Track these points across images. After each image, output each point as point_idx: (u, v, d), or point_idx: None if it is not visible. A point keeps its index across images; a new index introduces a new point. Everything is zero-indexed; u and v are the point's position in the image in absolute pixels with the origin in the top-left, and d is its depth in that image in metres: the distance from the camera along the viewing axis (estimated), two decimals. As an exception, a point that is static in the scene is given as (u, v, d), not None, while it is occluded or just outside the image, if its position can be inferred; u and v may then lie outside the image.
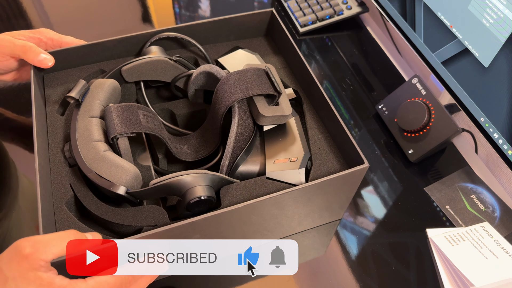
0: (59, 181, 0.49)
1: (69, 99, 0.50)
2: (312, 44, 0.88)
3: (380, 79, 0.82)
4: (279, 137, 0.54)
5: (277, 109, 0.51)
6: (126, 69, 0.56)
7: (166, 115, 0.61)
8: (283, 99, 0.52)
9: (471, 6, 0.58)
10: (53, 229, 0.45)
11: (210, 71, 0.54)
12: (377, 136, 0.72)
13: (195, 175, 0.45)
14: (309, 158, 0.52)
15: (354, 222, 0.61)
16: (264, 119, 0.50)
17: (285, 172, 0.50)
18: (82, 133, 0.48)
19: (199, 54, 0.64)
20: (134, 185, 0.46)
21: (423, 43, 0.68)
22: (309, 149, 0.53)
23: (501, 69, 0.55)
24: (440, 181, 0.66)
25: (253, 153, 0.53)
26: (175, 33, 0.61)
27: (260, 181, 0.50)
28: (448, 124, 0.64)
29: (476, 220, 0.62)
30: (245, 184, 0.49)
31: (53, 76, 0.59)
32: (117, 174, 0.45)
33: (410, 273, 0.56)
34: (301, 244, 0.57)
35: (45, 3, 0.92)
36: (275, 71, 0.54)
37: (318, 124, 0.57)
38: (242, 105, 0.50)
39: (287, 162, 0.50)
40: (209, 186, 0.46)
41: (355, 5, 0.90)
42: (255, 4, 0.98)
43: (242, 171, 0.51)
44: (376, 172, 0.67)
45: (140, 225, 0.45)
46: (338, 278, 0.56)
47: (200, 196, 0.44)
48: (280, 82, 0.53)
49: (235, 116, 0.50)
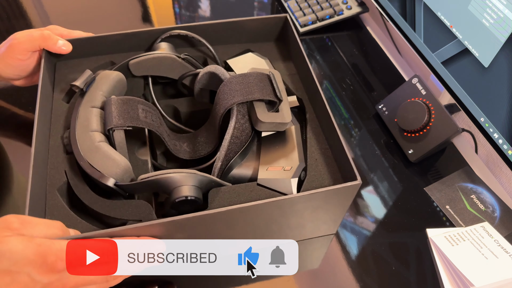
0: (55, 166, 0.49)
1: (74, 87, 0.51)
2: (312, 44, 0.88)
3: (380, 79, 0.82)
4: (276, 145, 0.53)
5: (277, 116, 0.50)
6: (134, 63, 0.57)
7: (171, 111, 0.61)
8: (284, 106, 0.51)
9: (471, 6, 0.58)
10: (43, 213, 0.45)
11: (215, 71, 0.54)
12: (377, 136, 0.72)
13: (184, 174, 0.45)
14: (303, 169, 0.51)
15: (354, 222, 0.61)
16: (262, 125, 0.50)
17: (277, 180, 0.49)
18: (81, 122, 0.48)
19: (209, 54, 0.64)
20: (123, 178, 0.46)
21: (423, 43, 0.68)
22: (305, 159, 0.52)
23: (501, 69, 0.55)
24: (440, 181, 0.66)
25: (249, 158, 0.52)
26: (186, 32, 0.61)
27: (250, 186, 0.49)
28: (448, 124, 0.64)
29: (476, 220, 0.62)
30: (234, 189, 0.48)
31: (64, 64, 0.60)
32: (107, 166, 0.45)
33: (410, 273, 0.56)
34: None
35: (45, 3, 0.92)
36: (279, 77, 0.54)
37: (318, 135, 0.55)
38: (241, 109, 0.50)
39: (281, 171, 0.50)
40: (196, 187, 0.45)
41: (355, 5, 0.90)
42: (255, 4, 0.98)
43: (234, 174, 0.51)
44: (376, 172, 0.67)
45: (125, 218, 0.45)
46: (338, 278, 0.56)
47: (186, 195, 0.44)
48: (284, 88, 0.53)
49: (232, 119, 0.49)
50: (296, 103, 0.59)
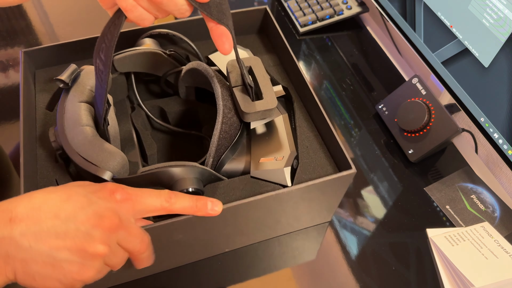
0: (45, 176, 0.49)
1: (59, 82, 0.48)
2: (312, 44, 0.88)
3: (380, 79, 0.82)
4: (265, 136, 0.53)
5: (260, 104, 0.49)
6: (118, 59, 0.55)
7: (157, 112, 0.61)
8: (267, 93, 0.50)
9: (471, 6, 0.58)
10: None
11: (198, 68, 0.53)
12: (377, 136, 0.72)
13: (185, 167, 0.44)
14: (295, 157, 0.51)
15: (354, 222, 0.61)
16: (248, 116, 0.48)
17: (270, 171, 0.49)
18: (70, 117, 0.46)
19: (191, 51, 0.64)
20: (121, 172, 0.45)
21: (423, 43, 0.68)
22: (296, 148, 0.52)
23: (501, 69, 0.55)
24: (440, 181, 0.66)
25: (240, 151, 0.52)
26: (166, 30, 0.61)
27: (245, 180, 0.49)
28: (448, 124, 0.64)
29: (476, 220, 0.62)
30: (228, 184, 0.49)
31: (44, 72, 0.59)
32: (104, 159, 0.44)
33: (410, 273, 0.56)
34: (290, 246, 0.57)
35: (45, 3, 0.92)
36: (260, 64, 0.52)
37: (308, 123, 0.56)
38: (226, 103, 0.49)
39: (273, 161, 0.50)
40: (198, 179, 0.45)
41: (355, 5, 0.90)
42: (255, 4, 0.98)
43: (227, 169, 0.51)
44: (376, 172, 0.67)
45: None
46: (338, 278, 0.56)
47: (188, 188, 0.44)
48: (265, 75, 0.51)
49: (219, 115, 0.48)
50: (282, 92, 0.59)
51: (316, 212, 0.56)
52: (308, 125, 0.56)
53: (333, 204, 0.56)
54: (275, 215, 0.52)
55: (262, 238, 0.57)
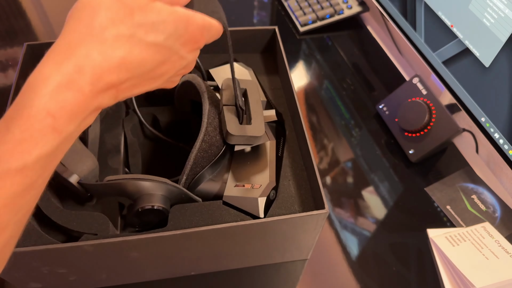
0: None
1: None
2: (313, 43, 0.88)
3: (380, 78, 0.82)
4: (247, 160, 0.50)
5: (247, 129, 0.47)
6: None
7: (150, 119, 0.60)
8: (257, 119, 0.48)
9: (472, 6, 0.57)
10: None
11: (192, 81, 0.52)
12: (377, 136, 0.72)
13: (153, 182, 0.42)
14: (273, 188, 0.48)
15: (354, 222, 0.61)
16: (232, 138, 0.47)
17: (243, 199, 0.46)
18: None
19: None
20: (88, 177, 0.44)
21: (424, 42, 0.68)
22: (277, 178, 0.49)
23: (502, 69, 0.55)
24: (441, 181, 0.66)
25: (219, 173, 0.49)
26: None
27: (215, 205, 0.46)
28: (449, 124, 0.64)
29: (477, 220, 0.61)
30: (197, 207, 0.46)
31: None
32: (73, 161, 0.42)
33: (410, 273, 0.56)
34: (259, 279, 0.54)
35: (45, 3, 0.92)
36: (256, 87, 0.51)
37: (295, 155, 0.53)
38: (212, 121, 0.47)
39: (249, 188, 0.47)
40: (165, 197, 0.43)
41: (355, 4, 0.90)
42: (255, 4, 0.98)
43: (202, 189, 0.48)
44: (377, 172, 0.67)
45: (82, 231, 0.43)
46: (338, 278, 0.56)
47: (153, 204, 0.42)
48: (259, 100, 0.50)
49: (201, 132, 0.46)
50: (274, 117, 0.56)
51: (290, 248, 0.53)
52: (295, 157, 0.53)
53: (309, 241, 0.52)
54: (242, 246, 0.49)
55: (231, 266, 0.54)
